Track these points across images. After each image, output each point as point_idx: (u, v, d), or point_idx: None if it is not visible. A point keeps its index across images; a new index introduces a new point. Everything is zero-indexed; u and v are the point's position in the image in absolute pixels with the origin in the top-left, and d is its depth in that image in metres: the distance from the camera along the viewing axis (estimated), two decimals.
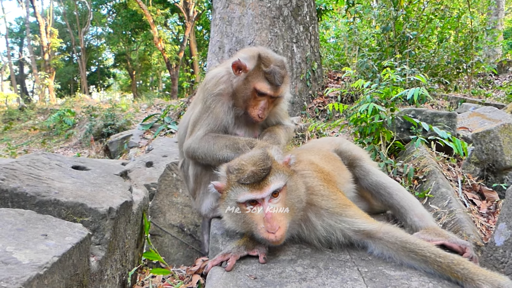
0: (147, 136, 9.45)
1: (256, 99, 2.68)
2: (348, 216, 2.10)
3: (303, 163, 2.37)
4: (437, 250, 1.86)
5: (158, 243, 3.50)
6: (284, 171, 2.07)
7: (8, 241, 1.70)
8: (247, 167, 2.03)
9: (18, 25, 49.24)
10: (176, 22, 37.31)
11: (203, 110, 2.73)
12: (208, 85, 2.77)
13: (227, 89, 2.72)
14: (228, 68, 2.77)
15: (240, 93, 2.67)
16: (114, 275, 2.45)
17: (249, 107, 2.70)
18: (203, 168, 2.79)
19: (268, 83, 2.63)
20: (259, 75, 2.63)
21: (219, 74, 2.78)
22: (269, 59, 2.67)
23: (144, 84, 49.09)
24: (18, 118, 21.34)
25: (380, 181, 2.46)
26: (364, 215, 2.17)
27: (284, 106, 3.01)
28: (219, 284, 1.76)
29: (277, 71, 2.63)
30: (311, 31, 9.40)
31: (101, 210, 2.23)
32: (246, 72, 2.66)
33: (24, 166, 2.51)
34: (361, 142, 4.85)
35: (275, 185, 1.99)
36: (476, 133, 4.25)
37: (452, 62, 9.61)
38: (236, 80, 2.69)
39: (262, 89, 2.63)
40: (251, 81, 2.64)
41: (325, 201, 2.14)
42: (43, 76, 32.05)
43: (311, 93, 9.32)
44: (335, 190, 2.23)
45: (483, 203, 4.06)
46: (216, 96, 2.70)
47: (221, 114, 2.71)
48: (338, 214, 2.10)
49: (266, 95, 2.67)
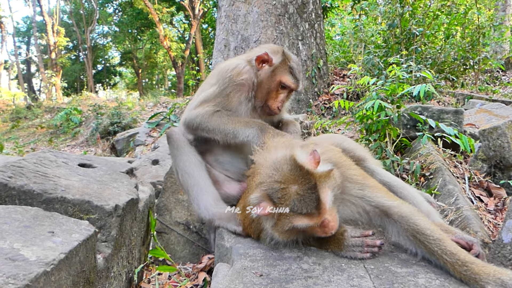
0: (153, 134, 9.47)
1: (278, 92, 2.83)
2: (369, 186, 2.09)
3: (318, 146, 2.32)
4: (444, 246, 1.83)
5: (164, 241, 3.51)
6: (324, 177, 1.93)
7: (16, 238, 1.71)
8: (290, 189, 1.88)
9: (25, 24, 49.58)
10: (182, 20, 37.35)
11: (219, 94, 2.78)
12: (229, 73, 2.81)
13: (249, 80, 2.81)
14: (250, 61, 2.86)
15: (265, 85, 2.80)
16: (121, 272, 2.47)
17: (270, 99, 2.83)
18: (184, 162, 2.79)
19: (293, 77, 2.82)
20: (285, 69, 2.81)
21: (241, 65, 2.85)
22: (291, 57, 2.88)
23: (150, 82, 49.23)
24: (25, 116, 21.50)
25: (385, 180, 2.46)
26: (384, 190, 2.16)
27: (289, 102, 3.16)
28: (225, 281, 1.76)
29: (299, 67, 2.87)
30: (317, 28, 9.36)
31: (107, 208, 2.24)
32: (271, 65, 2.80)
33: (31, 164, 2.52)
34: (367, 139, 4.83)
35: (328, 201, 1.89)
36: (483, 129, 4.22)
37: (459, 59, 9.53)
38: (262, 72, 2.81)
39: (287, 82, 2.80)
40: (277, 74, 2.80)
41: (349, 170, 2.14)
42: (50, 74, 32.24)
43: (316, 91, 9.29)
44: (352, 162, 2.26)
45: (490, 200, 4.03)
46: (237, 85, 2.78)
47: (237, 103, 2.79)
48: (360, 183, 2.09)
49: (288, 88, 2.84)
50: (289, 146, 2.18)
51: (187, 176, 2.75)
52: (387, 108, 4.47)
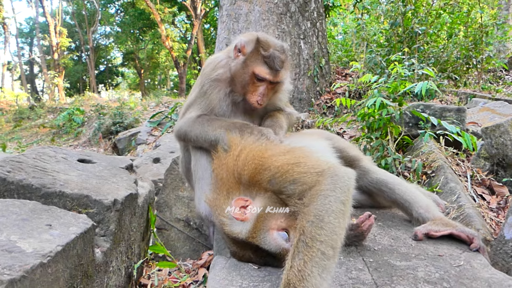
0: (154, 133, 9.47)
1: (255, 85, 2.56)
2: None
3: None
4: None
5: (165, 237, 3.51)
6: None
7: (13, 230, 1.70)
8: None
9: (28, 25, 49.73)
10: (184, 21, 37.40)
11: (199, 95, 2.66)
12: (206, 69, 2.69)
13: (225, 74, 2.62)
14: (229, 52, 2.69)
15: (238, 77, 2.57)
16: (120, 267, 2.46)
17: (247, 92, 2.58)
18: (196, 159, 2.69)
19: (268, 67, 2.51)
20: (258, 59, 2.52)
21: (218, 59, 2.70)
22: (268, 44, 2.56)
23: (152, 82, 49.28)
24: (28, 117, 21.56)
25: (380, 178, 2.41)
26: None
27: (285, 95, 2.88)
28: (222, 273, 1.75)
29: (277, 55, 2.52)
30: (319, 27, 9.35)
31: (106, 202, 2.23)
32: (244, 55, 2.56)
33: (30, 159, 2.52)
34: (368, 137, 4.81)
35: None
36: (486, 127, 4.19)
37: (461, 58, 9.49)
38: (234, 64, 2.58)
39: (260, 73, 2.52)
40: (250, 65, 2.53)
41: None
42: (53, 75, 32.32)
43: (318, 90, 9.27)
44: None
45: (492, 198, 4.01)
46: (213, 81, 2.62)
47: (216, 100, 2.62)
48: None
49: (265, 80, 2.55)
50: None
51: (198, 166, 2.65)
52: (389, 106, 4.44)
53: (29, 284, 1.47)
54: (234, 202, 1.91)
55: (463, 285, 1.59)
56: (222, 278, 1.71)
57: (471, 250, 1.95)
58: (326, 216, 1.61)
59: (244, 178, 1.95)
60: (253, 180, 1.92)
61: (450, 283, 1.60)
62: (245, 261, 1.90)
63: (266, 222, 1.80)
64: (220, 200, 1.98)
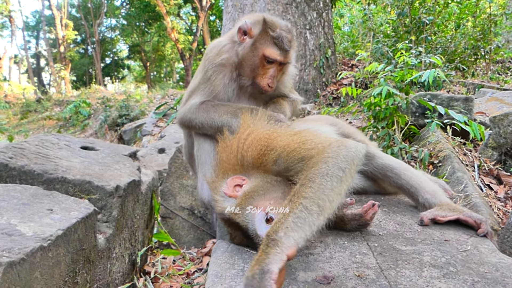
0: (160, 124, 9.47)
1: (264, 67, 2.50)
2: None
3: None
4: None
5: (169, 226, 3.50)
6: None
7: (13, 214, 1.69)
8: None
9: (34, 18, 49.86)
10: (189, 13, 37.23)
11: (202, 81, 2.60)
12: (209, 54, 2.63)
13: (231, 58, 2.57)
14: (232, 37, 2.62)
15: (248, 61, 2.51)
16: (123, 254, 2.45)
17: (257, 76, 2.52)
18: (199, 144, 2.64)
19: (278, 48, 2.47)
20: (267, 40, 2.47)
21: (221, 43, 2.64)
22: (275, 24, 2.52)
23: (158, 75, 49.29)
24: (35, 109, 21.71)
25: (386, 163, 2.35)
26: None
27: (289, 80, 2.84)
28: (224, 257, 1.73)
29: (285, 35, 2.47)
30: (325, 17, 9.26)
31: (108, 188, 2.22)
32: (252, 37, 2.50)
33: (32, 146, 2.51)
34: (374, 127, 4.76)
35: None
36: (494, 116, 4.13)
37: (469, 48, 9.35)
38: (242, 47, 2.52)
39: (271, 55, 2.46)
40: (259, 47, 2.47)
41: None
42: (59, 68, 32.43)
43: (324, 81, 9.21)
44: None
45: (500, 187, 3.96)
46: (217, 66, 2.56)
47: (221, 86, 2.56)
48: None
49: (276, 62, 2.50)
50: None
51: (201, 151, 2.62)
52: (395, 95, 4.38)
53: (29, 267, 1.45)
54: (230, 180, 1.89)
55: (470, 270, 1.55)
56: (223, 262, 1.69)
57: (479, 235, 1.91)
58: (318, 178, 1.57)
59: (246, 159, 1.92)
60: (256, 162, 1.89)
61: (456, 267, 1.57)
62: (238, 243, 1.87)
63: (251, 201, 1.77)
64: (219, 180, 1.95)
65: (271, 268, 1.30)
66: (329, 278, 1.49)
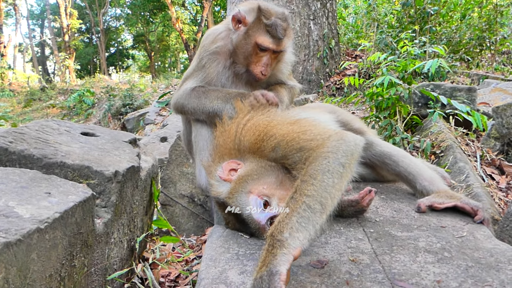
0: (162, 113, 9.48)
1: (258, 55, 2.50)
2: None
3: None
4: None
5: (169, 213, 3.51)
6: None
7: (11, 197, 1.70)
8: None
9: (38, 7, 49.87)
10: (194, 3, 37.06)
11: (197, 68, 2.61)
12: (204, 42, 2.63)
13: (225, 46, 2.57)
14: (228, 24, 2.61)
15: (241, 49, 2.50)
16: (122, 240, 2.46)
17: (251, 64, 2.52)
18: (197, 130, 2.65)
19: (270, 36, 2.45)
20: (260, 28, 2.45)
21: (217, 31, 2.64)
22: (270, 11, 2.50)
23: (162, 65, 49.25)
24: (39, 98, 21.78)
25: (384, 150, 2.34)
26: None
27: (287, 67, 2.81)
28: (219, 241, 1.74)
29: (279, 23, 2.45)
30: (329, 8, 9.18)
31: (107, 173, 2.22)
32: (246, 25, 2.49)
33: (32, 131, 2.51)
34: (376, 117, 4.74)
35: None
36: (497, 106, 4.11)
37: (475, 39, 9.26)
38: (236, 35, 2.52)
39: (264, 43, 2.45)
40: (252, 35, 2.46)
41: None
42: (64, 57, 32.44)
43: (328, 71, 9.16)
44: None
45: (502, 178, 3.94)
46: (211, 54, 2.56)
47: (214, 73, 2.57)
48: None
49: (269, 50, 2.49)
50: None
51: (199, 137, 2.63)
52: (398, 85, 4.36)
53: (26, 248, 1.47)
54: (225, 164, 1.90)
55: (465, 255, 1.55)
56: (218, 246, 1.70)
57: (475, 222, 1.91)
58: (320, 175, 1.58)
59: (244, 144, 1.92)
60: (254, 147, 1.89)
61: (451, 253, 1.57)
62: (232, 227, 1.88)
63: (245, 185, 1.78)
64: (215, 164, 1.96)
65: (279, 269, 1.32)
66: (323, 263, 1.50)
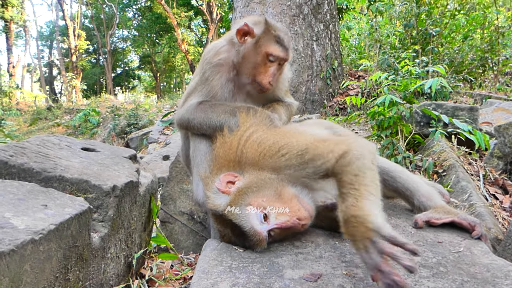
0: (166, 132, 9.53)
1: (266, 66, 2.57)
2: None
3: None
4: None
5: (168, 230, 3.49)
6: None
7: (8, 208, 1.70)
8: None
9: (48, 28, 50.87)
10: (200, 25, 37.73)
11: (200, 82, 2.64)
12: (206, 56, 2.67)
13: (229, 58, 2.62)
14: (231, 38, 2.66)
15: (249, 59, 2.57)
16: (119, 255, 2.44)
17: (259, 74, 2.58)
18: (195, 145, 2.66)
19: (280, 45, 2.56)
20: (270, 38, 2.55)
21: (219, 45, 2.69)
22: (275, 25, 2.62)
23: (168, 85, 49.75)
24: (45, 117, 22.00)
25: (382, 166, 2.33)
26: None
27: (285, 83, 2.89)
28: (213, 254, 1.72)
29: (286, 35, 2.61)
30: (332, 29, 9.31)
31: (105, 187, 2.22)
32: (253, 37, 2.56)
33: (33, 146, 2.53)
34: (378, 136, 4.74)
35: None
36: (499, 125, 4.09)
37: (477, 59, 9.32)
38: (243, 47, 2.58)
39: (275, 52, 2.53)
40: (262, 45, 2.54)
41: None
42: (71, 77, 32.89)
43: (331, 91, 9.22)
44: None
45: (506, 197, 3.90)
46: (215, 66, 2.60)
47: (218, 86, 2.60)
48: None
49: (277, 60, 2.57)
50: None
51: (197, 152, 2.64)
52: (399, 104, 4.37)
53: (19, 259, 1.46)
54: (222, 176, 1.89)
55: (461, 270, 1.53)
56: (212, 259, 1.68)
57: (473, 238, 1.88)
58: (362, 172, 1.71)
59: (246, 156, 1.92)
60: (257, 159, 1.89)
61: (447, 268, 1.54)
62: (227, 240, 1.87)
63: (245, 197, 1.78)
64: (212, 176, 1.96)
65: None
66: (316, 276, 1.48)
